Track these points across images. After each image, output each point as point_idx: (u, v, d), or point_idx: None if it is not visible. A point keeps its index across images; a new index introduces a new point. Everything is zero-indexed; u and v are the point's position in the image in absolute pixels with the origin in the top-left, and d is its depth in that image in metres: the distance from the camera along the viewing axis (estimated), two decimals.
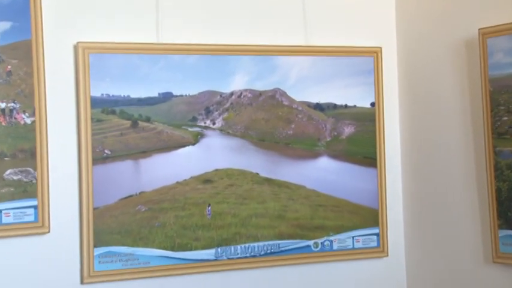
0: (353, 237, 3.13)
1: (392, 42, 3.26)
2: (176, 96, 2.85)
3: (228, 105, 2.98)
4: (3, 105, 2.56)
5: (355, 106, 3.15)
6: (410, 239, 3.25)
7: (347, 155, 3.16)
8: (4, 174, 2.56)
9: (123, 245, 2.76)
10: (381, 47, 3.16)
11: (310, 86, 3.07)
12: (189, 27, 2.87)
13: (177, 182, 2.86)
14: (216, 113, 2.96)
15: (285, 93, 3.04)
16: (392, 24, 3.26)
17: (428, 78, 3.11)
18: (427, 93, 3.12)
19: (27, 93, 2.58)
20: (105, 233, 2.73)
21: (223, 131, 2.98)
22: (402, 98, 3.26)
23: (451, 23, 2.96)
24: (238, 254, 2.93)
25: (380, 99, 3.17)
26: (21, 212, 2.59)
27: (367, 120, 3.17)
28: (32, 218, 2.61)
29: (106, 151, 2.74)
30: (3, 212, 2.56)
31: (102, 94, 2.72)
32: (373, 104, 3.17)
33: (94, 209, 2.71)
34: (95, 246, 2.71)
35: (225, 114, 2.98)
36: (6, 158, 2.56)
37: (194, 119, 2.93)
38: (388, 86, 3.21)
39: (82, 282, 2.71)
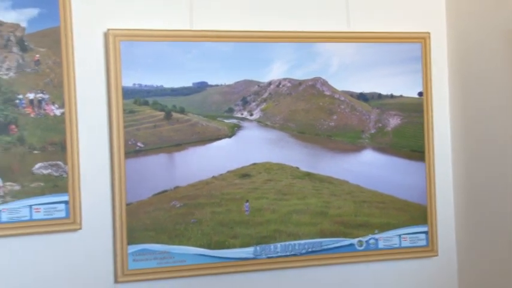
0: (400, 236, 3.05)
1: (442, 27, 3.16)
2: (211, 86, 2.80)
3: (266, 95, 2.91)
4: (31, 95, 2.54)
5: (401, 96, 3.06)
6: (462, 238, 3.15)
7: (393, 148, 3.07)
8: (33, 169, 2.55)
9: (157, 242, 2.73)
10: (429, 33, 3.07)
11: (353, 75, 2.99)
12: (224, 13, 2.82)
13: (213, 177, 2.82)
14: (254, 103, 2.91)
15: (326, 82, 2.97)
16: (441, 8, 3.16)
17: (481, 66, 3.00)
18: (480, 82, 3.01)
19: (56, 84, 2.57)
20: (139, 230, 2.69)
21: (261, 122, 2.92)
22: (452, 87, 3.15)
23: (507, 5, 2.84)
24: (278, 252, 2.87)
25: (428, 88, 3.08)
26: (52, 208, 2.58)
27: (415, 111, 3.07)
28: (63, 214, 2.59)
29: (139, 144, 2.71)
30: (33, 207, 2.55)
31: (134, 84, 2.68)
32: (420, 94, 3.08)
33: (127, 204, 2.67)
34: (129, 243, 2.68)
35: (263, 105, 2.92)
36: (35, 152, 2.55)
37: (230, 110, 2.87)
38: (437, 75, 3.12)
39: (116, 281, 2.69)
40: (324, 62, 2.94)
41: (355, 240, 2.99)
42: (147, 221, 2.71)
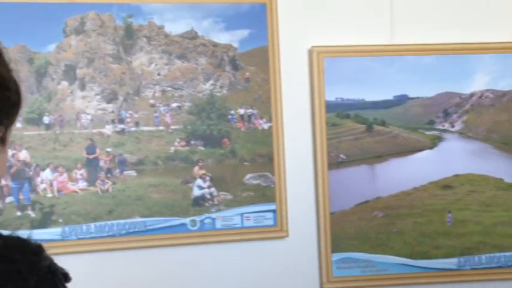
0: None
1: None
2: (412, 98, 2.74)
3: (467, 106, 2.80)
4: (242, 111, 2.64)
5: None
6: None
7: None
8: (244, 179, 2.64)
9: (360, 251, 2.71)
10: None
11: None
12: (424, 26, 2.75)
13: (414, 188, 2.75)
14: (455, 115, 2.80)
15: None
16: None
17: None
18: None
19: (264, 99, 2.64)
20: (342, 239, 2.69)
21: (463, 134, 2.80)
22: None
23: None
24: (482, 264, 2.73)
25: None
26: (261, 216, 2.64)
27: None
28: (271, 222, 2.65)
29: (341, 155, 2.71)
30: (244, 215, 2.62)
31: (337, 98, 2.69)
32: None
33: (331, 213, 2.67)
34: (333, 251, 2.68)
35: (465, 117, 2.80)
36: (246, 163, 2.63)
37: (431, 122, 2.79)
38: None
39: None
40: None
41: None
42: (350, 230, 2.70)
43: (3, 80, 1.04)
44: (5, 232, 1.05)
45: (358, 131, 2.74)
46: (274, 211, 2.64)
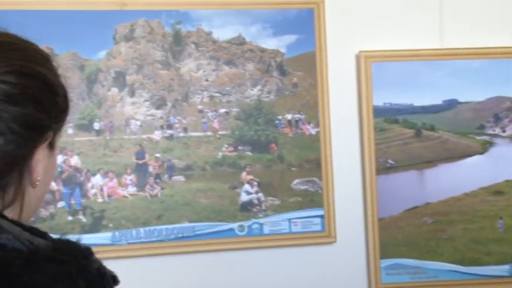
0: None
1: None
2: (461, 103, 2.68)
3: None
4: (289, 116, 2.62)
5: None
6: None
7: None
8: (292, 184, 2.61)
9: (409, 257, 2.66)
10: None
11: None
12: (474, 30, 2.68)
13: (465, 193, 2.68)
14: (506, 119, 2.73)
15: None
16: None
17: None
18: None
19: (312, 105, 2.61)
20: (391, 245, 2.64)
21: None
22: None
23: None
24: None
25: None
26: (308, 222, 2.61)
27: None
28: (319, 228, 2.62)
29: (389, 161, 2.66)
30: (292, 221, 2.60)
31: (385, 103, 2.65)
32: None
33: (379, 219, 2.63)
34: (381, 257, 2.64)
35: None
36: (293, 168, 2.61)
37: (482, 126, 2.73)
38: None
39: None
40: None
41: None
42: (398, 236, 2.65)
43: (52, 85, 1.04)
44: (55, 236, 1.05)
45: (406, 136, 2.69)
46: (322, 216, 2.61)
